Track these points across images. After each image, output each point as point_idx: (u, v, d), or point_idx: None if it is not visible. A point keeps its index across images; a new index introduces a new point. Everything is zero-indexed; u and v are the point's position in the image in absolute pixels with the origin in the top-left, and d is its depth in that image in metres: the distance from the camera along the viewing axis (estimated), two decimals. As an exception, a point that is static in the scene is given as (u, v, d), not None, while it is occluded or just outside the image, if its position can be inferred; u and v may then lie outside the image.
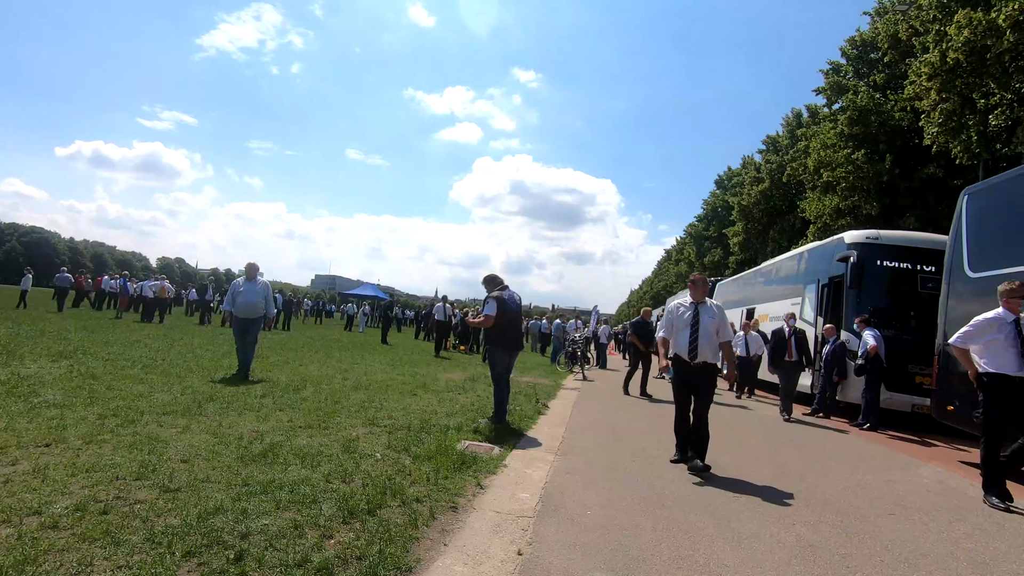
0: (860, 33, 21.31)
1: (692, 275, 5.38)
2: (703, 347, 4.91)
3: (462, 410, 6.72)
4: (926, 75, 13.97)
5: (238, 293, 7.97)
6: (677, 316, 5.11)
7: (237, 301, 7.93)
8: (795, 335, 9.52)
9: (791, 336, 9.52)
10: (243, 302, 7.91)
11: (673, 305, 5.26)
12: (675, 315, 5.13)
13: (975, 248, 6.64)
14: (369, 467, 3.96)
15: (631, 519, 3.53)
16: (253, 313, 7.97)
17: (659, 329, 5.32)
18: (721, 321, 5.03)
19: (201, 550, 2.47)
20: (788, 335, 9.53)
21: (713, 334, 4.95)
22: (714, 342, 4.97)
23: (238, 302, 7.92)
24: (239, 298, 7.93)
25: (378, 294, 37.70)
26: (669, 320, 5.17)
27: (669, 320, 5.17)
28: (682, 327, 5.03)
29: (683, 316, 5.06)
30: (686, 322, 5.00)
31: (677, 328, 5.09)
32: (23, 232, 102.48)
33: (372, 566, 2.50)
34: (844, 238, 10.64)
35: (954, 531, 3.88)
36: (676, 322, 5.10)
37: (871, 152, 18.81)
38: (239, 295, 7.95)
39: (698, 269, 43.82)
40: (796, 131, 27.89)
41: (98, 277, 27.38)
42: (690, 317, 4.99)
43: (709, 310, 5.02)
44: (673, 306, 5.24)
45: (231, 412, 5.34)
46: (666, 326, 5.18)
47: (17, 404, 4.82)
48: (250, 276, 8.18)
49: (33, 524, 2.59)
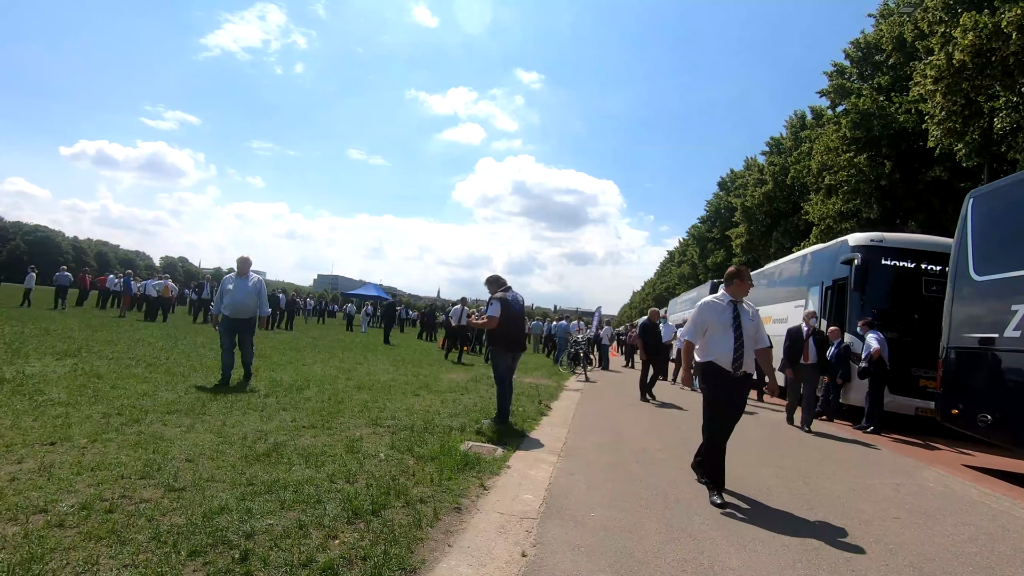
0: (864, 35, 21.27)
1: (733, 267, 4.52)
2: (748, 355, 4.22)
3: (465, 411, 6.72)
4: (931, 77, 13.94)
5: (227, 291, 7.10)
6: (715, 316, 4.27)
7: (226, 300, 7.08)
8: (815, 336, 8.74)
9: (809, 337, 8.70)
10: (233, 301, 7.06)
11: (707, 303, 4.40)
12: (711, 314, 4.29)
13: (980, 251, 6.62)
14: (373, 467, 3.96)
15: (635, 521, 3.53)
16: (244, 313, 7.14)
17: (684, 332, 4.45)
18: (758, 324, 4.37)
19: (206, 549, 2.48)
20: (807, 335, 8.70)
21: (753, 339, 4.27)
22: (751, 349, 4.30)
23: (227, 301, 7.07)
24: (228, 296, 7.08)
25: (381, 294, 37.72)
26: (702, 320, 4.32)
27: (702, 320, 4.32)
28: (722, 329, 4.22)
29: (722, 316, 4.26)
30: (727, 324, 4.22)
31: (714, 330, 4.26)
32: (27, 231, 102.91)
33: (377, 567, 2.50)
34: (848, 240, 10.61)
35: (959, 535, 3.87)
36: (714, 323, 4.26)
37: (874, 155, 18.78)
38: (228, 293, 7.09)
39: (701, 271, 43.78)
40: (800, 133, 27.86)
41: (101, 276, 27.47)
42: (730, 318, 4.23)
43: (746, 311, 4.31)
44: (707, 304, 4.39)
45: (235, 412, 5.35)
46: (696, 328, 4.35)
47: (22, 402, 4.84)
48: (242, 272, 7.24)
49: (39, 522, 2.60)
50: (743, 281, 4.33)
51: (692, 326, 4.40)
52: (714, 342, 4.24)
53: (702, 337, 4.31)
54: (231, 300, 7.06)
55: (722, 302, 4.34)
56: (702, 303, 4.44)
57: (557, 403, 8.64)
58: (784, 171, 28.20)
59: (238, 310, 7.08)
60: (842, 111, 20.94)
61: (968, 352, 6.46)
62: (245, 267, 7.27)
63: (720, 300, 4.36)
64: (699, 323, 4.34)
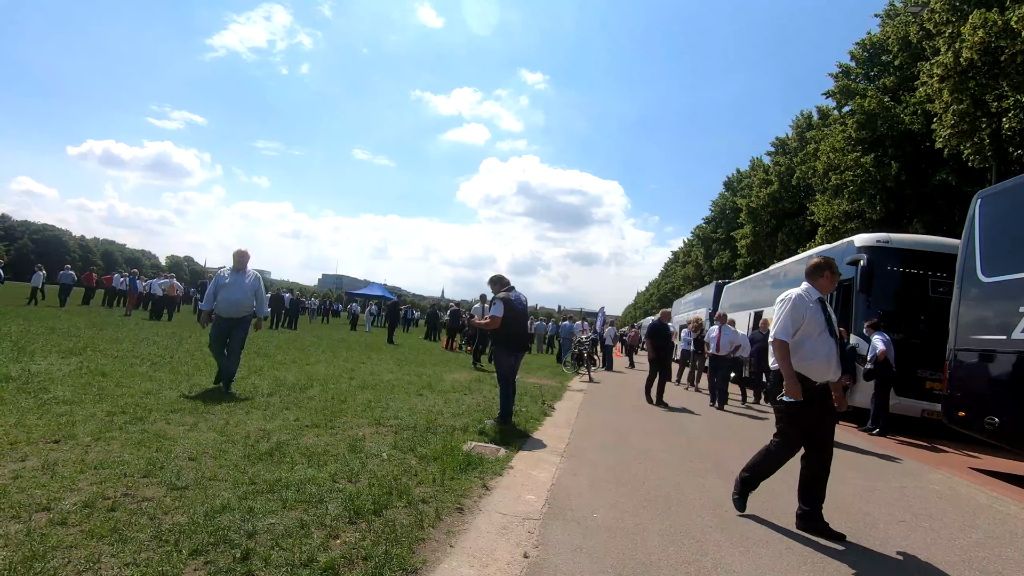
0: (870, 36, 21.16)
1: (820, 257, 3.88)
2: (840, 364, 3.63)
3: (468, 411, 6.71)
4: (938, 76, 13.84)
5: (222, 286, 6.47)
6: (810, 314, 3.60)
7: (220, 296, 6.45)
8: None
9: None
10: (227, 298, 6.42)
11: (800, 297, 3.67)
12: (803, 310, 3.61)
13: (988, 252, 6.56)
14: (375, 467, 3.96)
15: (638, 522, 3.51)
16: (239, 311, 6.49)
17: (778, 331, 3.63)
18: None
19: (208, 548, 2.48)
20: None
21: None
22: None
23: (221, 297, 6.44)
24: (223, 292, 6.44)
25: (385, 294, 37.78)
26: (797, 316, 3.60)
27: (797, 316, 3.60)
28: (817, 331, 3.59)
29: (816, 316, 3.60)
30: (822, 324, 3.60)
31: (809, 331, 3.58)
32: (34, 230, 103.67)
33: (378, 567, 2.49)
34: (854, 241, 10.54)
35: (965, 539, 3.83)
36: (810, 322, 3.59)
37: (880, 156, 18.67)
38: (223, 288, 6.45)
39: (706, 271, 43.63)
40: (805, 133, 27.72)
41: (107, 275, 27.63)
42: (823, 320, 3.61)
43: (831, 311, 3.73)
44: (800, 298, 3.66)
45: (238, 411, 5.36)
46: (789, 325, 3.60)
47: (27, 400, 4.86)
48: (239, 266, 6.62)
49: (42, 520, 2.60)
50: (833, 273, 3.73)
51: (787, 324, 3.60)
52: (807, 347, 3.58)
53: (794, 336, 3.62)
54: (225, 297, 6.42)
55: (809, 298, 3.66)
56: (794, 296, 3.68)
57: (560, 404, 8.62)
58: (790, 172, 28.07)
59: (233, 308, 6.45)
60: (848, 112, 20.84)
61: (975, 354, 6.40)
62: (243, 261, 6.67)
63: (807, 295, 3.68)
64: (789, 321, 3.60)
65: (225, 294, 6.44)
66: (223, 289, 6.46)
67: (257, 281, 6.68)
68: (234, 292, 6.45)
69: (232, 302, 6.45)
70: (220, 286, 6.50)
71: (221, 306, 6.46)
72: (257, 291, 6.61)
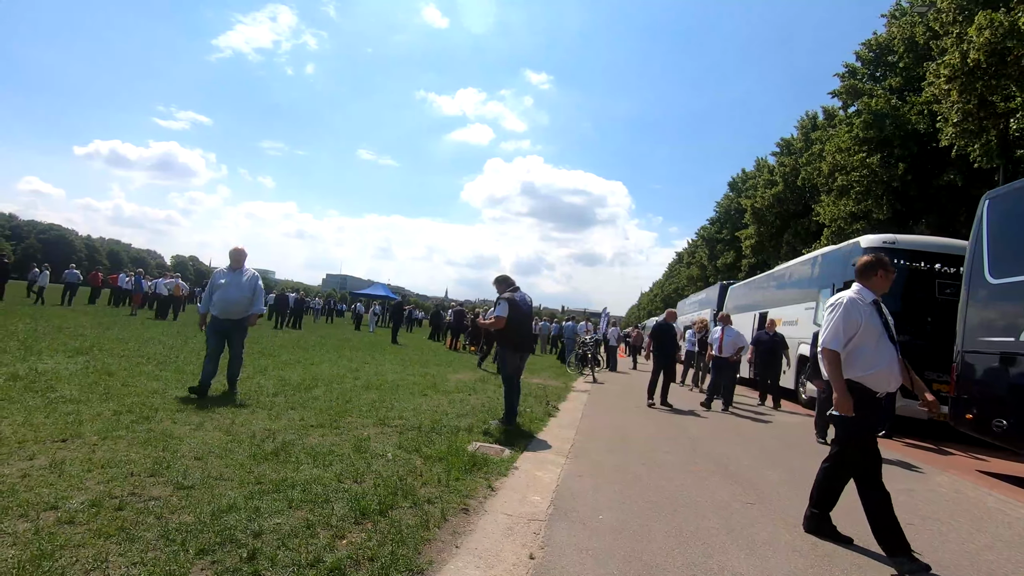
0: (876, 36, 21.06)
1: (872, 255, 3.53)
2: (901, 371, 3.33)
3: (472, 411, 6.72)
4: (945, 77, 13.76)
5: (219, 286, 6.18)
6: (866, 318, 3.28)
7: (216, 297, 6.16)
8: None
9: None
10: (225, 298, 6.13)
11: (852, 300, 3.35)
12: (857, 315, 3.28)
13: (996, 253, 6.52)
14: (380, 467, 3.96)
15: (643, 524, 3.50)
16: (237, 312, 6.20)
17: (828, 339, 3.29)
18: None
19: (214, 548, 2.48)
20: None
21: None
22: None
23: (217, 298, 6.15)
24: (219, 292, 6.15)
25: (389, 294, 37.87)
26: (850, 323, 3.28)
27: (850, 323, 3.28)
28: (876, 337, 3.28)
29: (872, 320, 3.29)
30: (880, 329, 3.30)
31: (866, 338, 3.28)
32: (41, 229, 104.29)
33: (384, 567, 2.49)
34: (860, 242, 10.50)
35: (973, 542, 3.81)
36: (867, 328, 3.27)
37: (886, 156, 18.59)
38: (220, 288, 6.17)
39: (710, 272, 43.51)
40: (811, 134, 27.62)
41: (113, 275, 27.77)
42: (880, 323, 3.31)
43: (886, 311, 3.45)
44: (853, 301, 3.34)
45: (243, 410, 5.37)
46: (841, 333, 3.28)
47: (35, 399, 4.89)
48: (235, 265, 6.34)
49: (50, 519, 2.61)
50: (888, 272, 3.40)
51: (839, 331, 3.28)
52: (864, 354, 3.27)
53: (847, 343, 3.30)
54: (222, 297, 6.12)
55: (863, 300, 3.35)
56: (846, 300, 3.36)
57: (565, 404, 8.62)
58: (795, 172, 27.97)
59: (230, 309, 6.14)
60: (854, 112, 20.75)
61: (983, 356, 6.36)
62: (240, 259, 6.36)
63: (860, 298, 3.36)
64: (848, 327, 3.27)
65: (222, 294, 6.14)
66: (220, 289, 6.16)
67: (255, 280, 6.38)
68: (232, 292, 6.15)
69: (230, 302, 6.15)
70: (217, 286, 6.20)
71: (218, 307, 6.13)
72: (255, 289, 6.32)
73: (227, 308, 6.16)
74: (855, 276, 3.54)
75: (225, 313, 6.16)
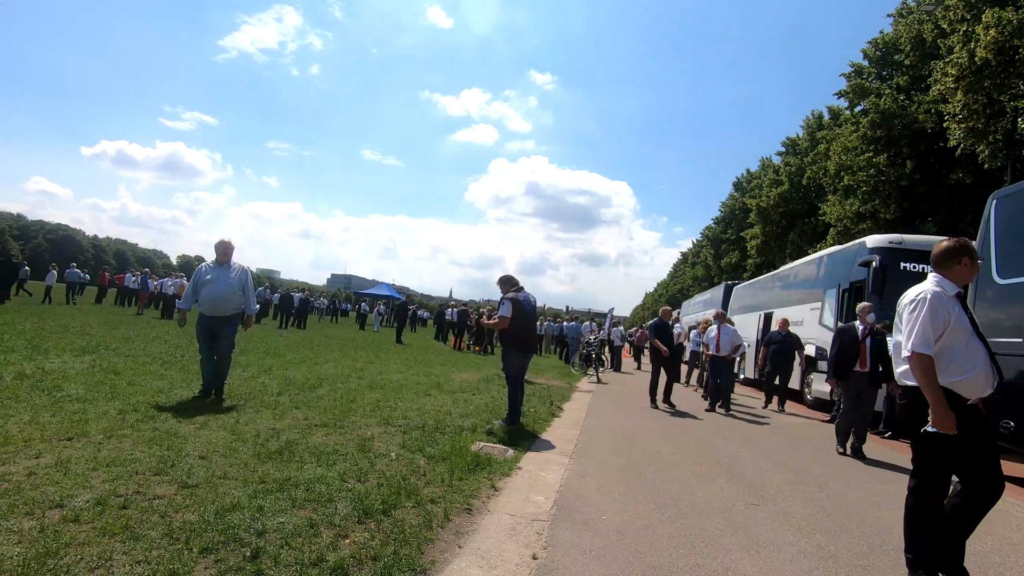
0: (883, 35, 20.96)
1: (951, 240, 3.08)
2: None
3: (476, 411, 6.71)
4: (952, 76, 13.68)
5: (204, 282, 5.80)
6: (955, 315, 2.84)
7: (202, 293, 5.79)
8: (873, 337, 6.87)
9: (867, 337, 6.87)
10: (212, 294, 5.76)
11: (937, 295, 2.86)
12: (944, 312, 2.83)
13: (1004, 253, 6.47)
14: (384, 467, 3.97)
15: (647, 525, 3.49)
16: (224, 309, 5.85)
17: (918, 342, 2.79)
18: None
19: (218, 547, 2.49)
20: (863, 336, 6.88)
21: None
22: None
23: (203, 294, 5.77)
24: (205, 289, 5.78)
25: (393, 294, 37.91)
26: (938, 321, 2.81)
27: (938, 321, 2.81)
28: (966, 335, 2.85)
29: (961, 315, 2.86)
30: (968, 326, 2.87)
31: (955, 337, 2.84)
32: (49, 229, 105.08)
33: (387, 567, 2.49)
34: (866, 242, 10.44)
35: (981, 545, 3.77)
36: (956, 326, 2.84)
37: (893, 155, 18.49)
38: (206, 284, 5.79)
39: (715, 272, 43.38)
40: (816, 133, 27.52)
41: (119, 275, 27.96)
42: (967, 320, 2.89)
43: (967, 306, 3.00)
44: (936, 295, 2.86)
45: (248, 409, 5.39)
46: (930, 333, 2.80)
47: (41, 398, 4.92)
48: (222, 259, 5.97)
49: (55, 517, 2.63)
50: (973, 259, 2.98)
51: (928, 331, 2.80)
52: (959, 358, 2.83)
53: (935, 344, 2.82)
54: (209, 293, 5.76)
55: (947, 293, 2.90)
56: (930, 296, 2.87)
57: (569, 404, 8.61)
58: (800, 172, 27.89)
59: (218, 306, 5.80)
60: (861, 111, 20.65)
61: (990, 357, 6.31)
62: (227, 253, 5.99)
63: (944, 291, 2.90)
64: (936, 326, 2.81)
65: (209, 291, 5.77)
66: (207, 285, 5.80)
67: (244, 274, 6.00)
68: (219, 288, 5.80)
69: (216, 299, 5.79)
70: (201, 283, 5.83)
71: (205, 304, 5.81)
72: (245, 286, 5.94)
73: (215, 305, 5.80)
74: (932, 266, 3.08)
75: (213, 310, 5.81)
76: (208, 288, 5.79)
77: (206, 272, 5.91)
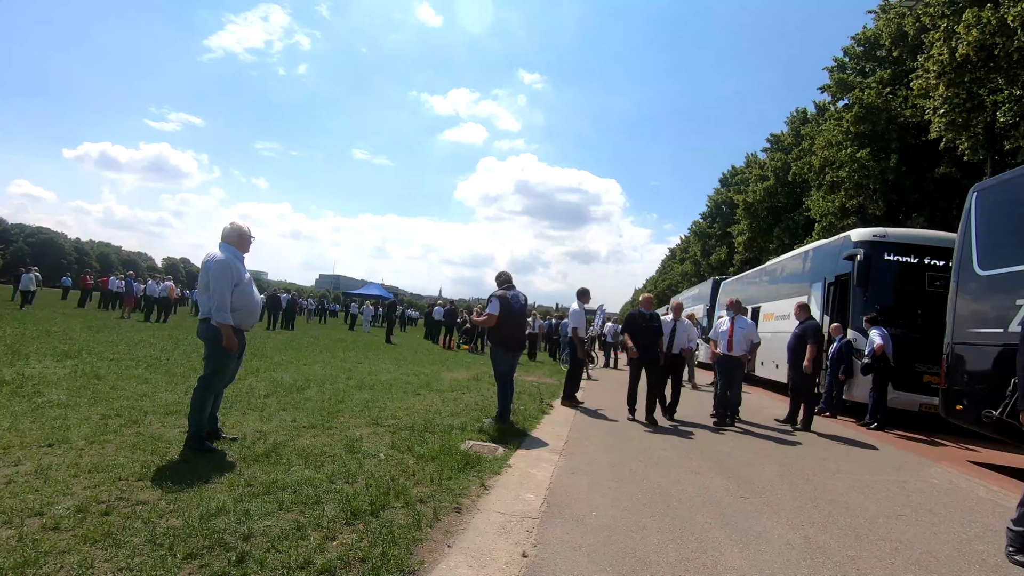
0: (865, 30, 21.16)
1: None
2: None
3: (466, 410, 6.69)
4: (934, 72, 13.86)
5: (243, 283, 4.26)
6: None
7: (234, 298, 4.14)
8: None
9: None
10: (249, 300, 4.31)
11: None
12: None
13: (985, 245, 6.56)
14: (372, 467, 3.93)
15: (637, 520, 3.49)
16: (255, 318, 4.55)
17: None
18: None
19: (203, 552, 2.45)
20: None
21: None
22: None
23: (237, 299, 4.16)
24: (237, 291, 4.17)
25: (383, 293, 37.71)
26: None
27: None
28: None
29: None
30: None
31: None
32: (29, 232, 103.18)
33: (375, 568, 2.46)
34: (851, 236, 10.56)
35: (965, 533, 3.83)
36: None
37: (877, 150, 18.69)
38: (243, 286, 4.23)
39: (704, 268, 43.66)
40: (800, 129, 27.77)
41: (103, 278, 27.52)
42: None
43: None
44: None
45: (235, 412, 5.32)
46: None
47: (21, 404, 4.82)
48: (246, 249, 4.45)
49: (35, 525, 2.57)
50: None
51: None
52: None
53: None
54: (243, 297, 4.21)
55: None
56: None
57: (559, 402, 8.60)
58: (786, 167, 28.13)
59: (255, 314, 4.47)
60: (844, 106, 20.84)
61: (973, 347, 6.40)
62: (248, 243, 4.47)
63: None
64: None
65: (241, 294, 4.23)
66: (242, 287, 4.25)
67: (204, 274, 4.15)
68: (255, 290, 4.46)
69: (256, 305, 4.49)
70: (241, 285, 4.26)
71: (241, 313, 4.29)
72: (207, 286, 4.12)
73: (254, 313, 4.42)
74: None
75: (248, 320, 4.38)
76: (241, 291, 4.18)
77: (242, 269, 4.25)
